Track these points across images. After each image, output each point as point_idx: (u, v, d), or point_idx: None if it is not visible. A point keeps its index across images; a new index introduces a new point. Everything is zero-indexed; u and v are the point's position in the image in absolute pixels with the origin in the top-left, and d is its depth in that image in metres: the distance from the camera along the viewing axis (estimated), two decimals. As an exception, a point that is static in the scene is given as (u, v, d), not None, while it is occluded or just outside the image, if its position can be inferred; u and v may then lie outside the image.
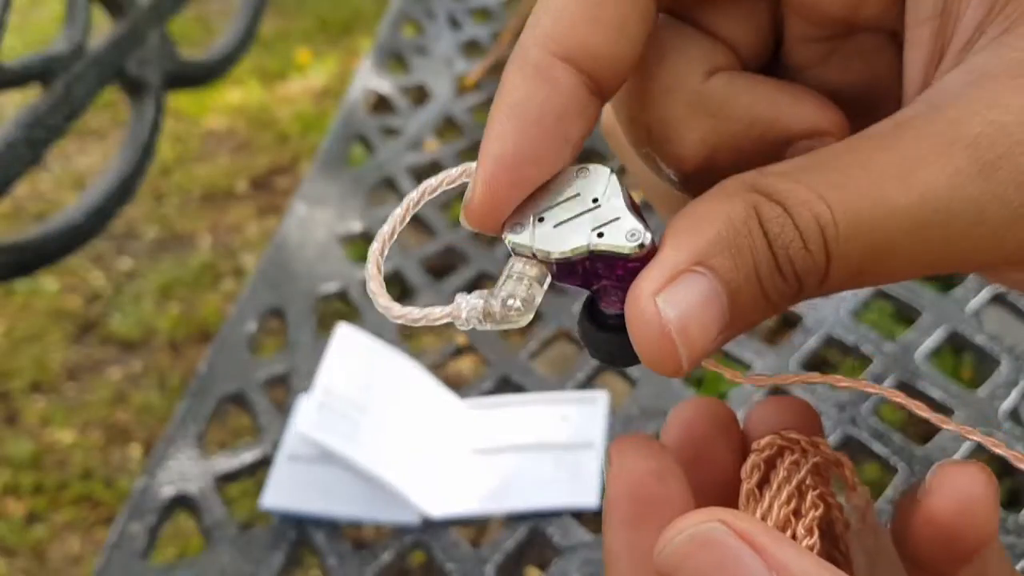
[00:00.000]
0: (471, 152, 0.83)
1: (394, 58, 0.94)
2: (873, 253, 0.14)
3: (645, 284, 0.14)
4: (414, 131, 0.83)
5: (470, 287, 0.68)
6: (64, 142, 2.00)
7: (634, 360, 0.15)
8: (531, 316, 0.16)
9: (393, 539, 0.49)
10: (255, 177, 1.70)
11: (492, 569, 0.46)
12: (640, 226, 0.15)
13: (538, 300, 0.16)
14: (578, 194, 0.16)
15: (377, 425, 0.51)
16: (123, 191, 0.67)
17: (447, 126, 0.86)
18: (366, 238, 0.73)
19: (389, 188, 0.79)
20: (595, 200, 0.16)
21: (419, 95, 0.90)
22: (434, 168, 0.80)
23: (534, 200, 0.16)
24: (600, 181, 0.16)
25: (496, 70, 0.92)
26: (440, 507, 0.49)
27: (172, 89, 0.74)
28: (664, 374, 0.15)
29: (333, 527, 0.50)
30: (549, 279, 0.16)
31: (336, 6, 2.26)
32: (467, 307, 0.16)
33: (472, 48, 0.96)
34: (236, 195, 1.66)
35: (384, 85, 0.89)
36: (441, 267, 0.70)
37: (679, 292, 0.14)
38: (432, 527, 0.49)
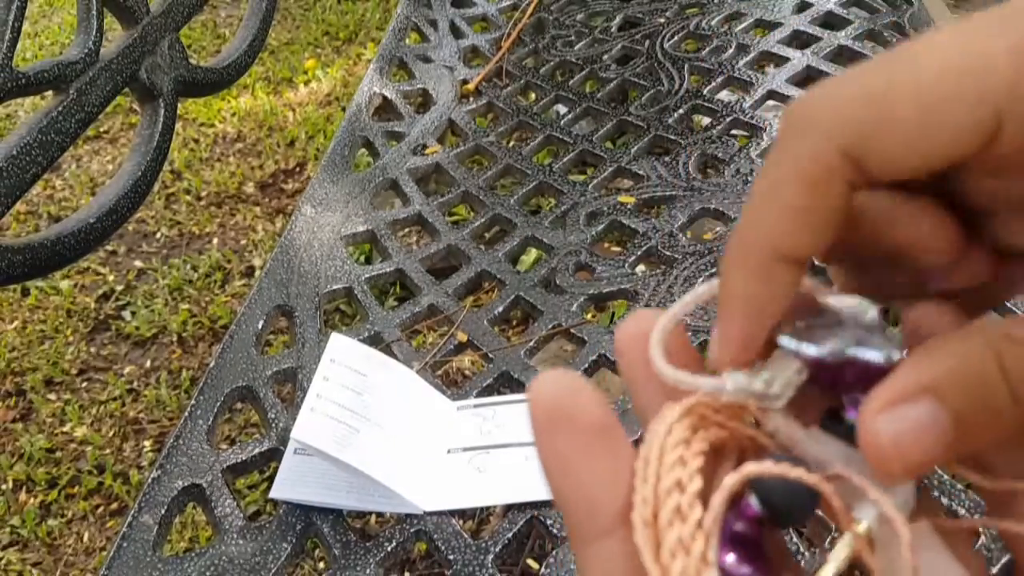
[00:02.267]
0: (472, 155, 0.85)
1: (398, 65, 0.95)
2: None
3: (871, 403, 0.16)
4: (417, 135, 0.84)
5: (470, 287, 0.69)
6: (77, 145, 2.02)
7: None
8: (784, 403, 0.18)
9: (396, 530, 0.50)
10: (263, 180, 1.72)
11: (492, 559, 0.47)
12: (892, 347, 0.17)
13: (791, 392, 0.18)
14: (842, 311, 0.18)
15: (371, 428, 0.52)
16: (135, 194, 0.68)
17: (449, 130, 0.88)
18: (370, 239, 0.74)
19: (393, 190, 0.80)
20: (856, 319, 0.18)
21: (422, 101, 0.91)
22: (437, 171, 0.82)
23: (804, 310, 0.19)
24: (864, 309, 0.18)
25: (496, 76, 0.93)
26: (433, 504, 0.51)
27: (183, 97, 0.75)
28: (887, 480, 0.17)
29: (339, 518, 0.51)
30: (806, 374, 0.18)
31: (341, 15, 2.28)
32: (732, 382, 0.18)
33: (473, 55, 0.98)
34: (245, 197, 1.69)
35: (388, 91, 0.90)
36: (442, 268, 0.71)
37: (899, 413, 0.16)
38: (434, 518, 0.50)
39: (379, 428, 0.52)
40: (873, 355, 0.17)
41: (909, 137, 0.17)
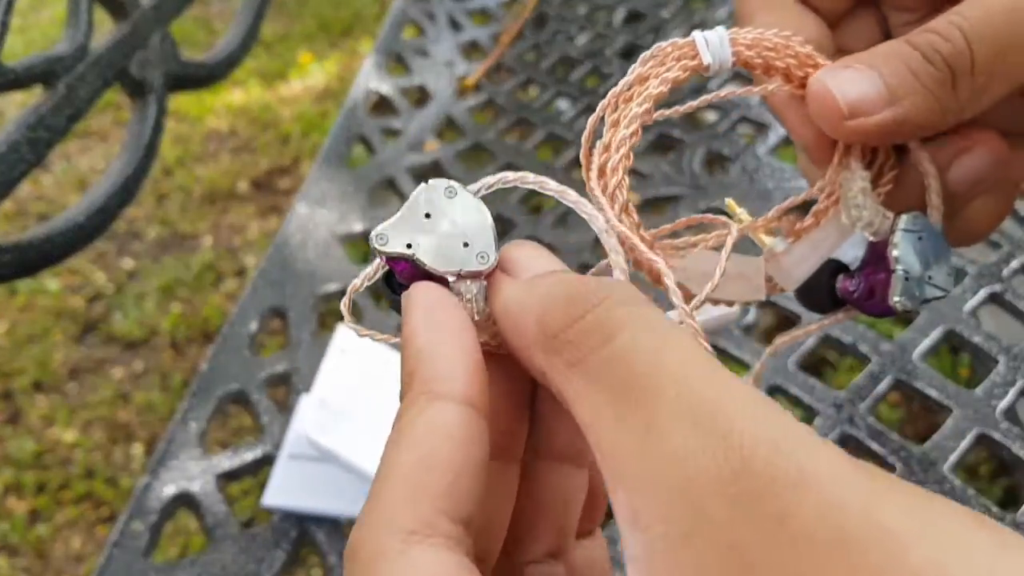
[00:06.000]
0: (471, 152, 0.83)
1: (395, 59, 0.94)
2: (1007, 36, 0.18)
3: (816, 73, 0.20)
4: (415, 132, 0.83)
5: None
6: (66, 143, 2.00)
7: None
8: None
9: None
10: (256, 177, 1.70)
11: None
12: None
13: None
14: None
15: (376, 426, 0.51)
16: (125, 192, 0.67)
17: (447, 127, 0.86)
18: (367, 238, 0.73)
19: (390, 188, 0.79)
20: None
21: (419, 96, 0.90)
22: (435, 168, 0.80)
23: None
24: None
25: (496, 71, 0.92)
26: None
27: (174, 91, 0.74)
28: (831, 128, 0.20)
29: (334, 525, 0.50)
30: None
31: (337, 8, 2.26)
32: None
33: (472, 50, 0.96)
34: (238, 195, 1.67)
35: (385, 86, 0.89)
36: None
37: (844, 74, 0.20)
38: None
39: (385, 425, 0.51)
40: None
41: None
